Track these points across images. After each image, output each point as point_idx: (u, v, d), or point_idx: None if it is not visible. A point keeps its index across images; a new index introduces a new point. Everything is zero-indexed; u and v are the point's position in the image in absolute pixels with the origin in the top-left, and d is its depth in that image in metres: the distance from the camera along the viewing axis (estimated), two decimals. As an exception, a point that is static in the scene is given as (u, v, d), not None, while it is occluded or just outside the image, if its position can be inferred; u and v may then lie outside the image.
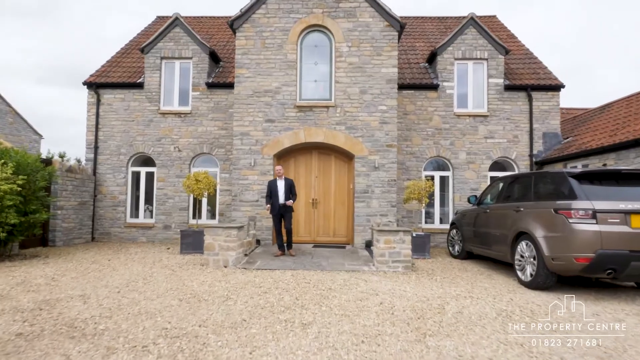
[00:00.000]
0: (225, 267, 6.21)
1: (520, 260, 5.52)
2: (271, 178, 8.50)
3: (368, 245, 8.53)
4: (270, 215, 7.62)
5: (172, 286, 4.84)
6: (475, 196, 7.59)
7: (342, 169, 9.51)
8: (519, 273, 5.52)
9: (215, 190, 10.18)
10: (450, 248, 8.42)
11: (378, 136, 8.96)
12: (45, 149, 29.94)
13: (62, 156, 21.43)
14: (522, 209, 5.63)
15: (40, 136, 21.64)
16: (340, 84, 9.06)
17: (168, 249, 8.86)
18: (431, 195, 9.98)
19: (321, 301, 4.21)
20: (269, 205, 7.30)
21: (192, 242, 7.79)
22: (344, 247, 8.72)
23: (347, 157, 9.42)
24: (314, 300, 4.22)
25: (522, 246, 5.45)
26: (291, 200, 7.22)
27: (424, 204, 8.52)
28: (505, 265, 6.97)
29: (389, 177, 8.90)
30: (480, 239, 7.01)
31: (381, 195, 8.85)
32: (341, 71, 9.07)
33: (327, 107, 9.04)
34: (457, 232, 8.16)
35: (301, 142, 9.01)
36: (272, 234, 8.77)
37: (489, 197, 7.32)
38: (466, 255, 7.83)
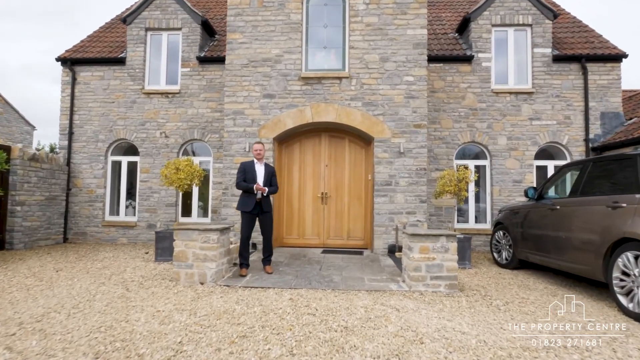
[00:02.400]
0: (202, 283, 4.57)
1: (623, 280, 3.76)
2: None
3: (391, 250, 6.83)
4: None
5: (106, 321, 3.21)
6: (535, 188, 5.80)
7: (359, 156, 7.77)
8: (622, 299, 3.76)
9: (203, 182, 8.55)
10: (496, 254, 6.66)
11: (403, 114, 7.20)
12: (41, 142, 28.90)
13: (52, 148, 20.15)
14: (623, 205, 3.86)
15: (33, 127, 20.35)
16: (355, 50, 7.31)
17: (146, 253, 7.30)
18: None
19: (332, 357, 2.53)
20: (258, 185, 5.18)
21: (168, 246, 6.18)
22: (361, 253, 7.02)
23: (364, 140, 7.69)
24: (321, 357, 2.55)
25: (628, 260, 3.69)
26: (266, 188, 5.16)
27: (462, 199, 6.78)
28: (580, 280, 5.20)
29: (418, 165, 7.15)
30: (542, 245, 5.25)
31: (408, 187, 7.11)
32: (357, 34, 7.32)
33: (340, 78, 7.31)
34: (504, 234, 6.41)
35: (308, 122, 7.31)
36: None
37: (555, 188, 5.55)
38: (517, 263, 6.09)
